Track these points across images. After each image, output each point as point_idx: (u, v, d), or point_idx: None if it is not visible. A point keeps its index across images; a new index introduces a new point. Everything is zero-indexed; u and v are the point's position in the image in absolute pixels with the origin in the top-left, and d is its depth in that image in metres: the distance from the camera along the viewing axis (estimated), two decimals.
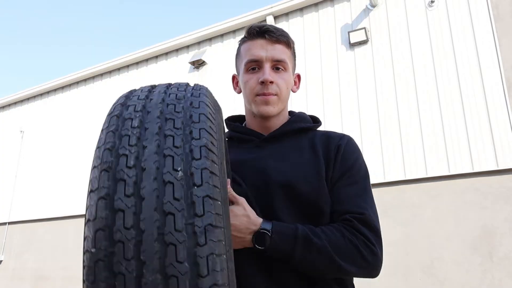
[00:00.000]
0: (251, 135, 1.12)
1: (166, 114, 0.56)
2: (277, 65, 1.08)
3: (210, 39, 6.86)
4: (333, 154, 1.06)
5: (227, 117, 1.22)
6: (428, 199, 4.61)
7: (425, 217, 4.56)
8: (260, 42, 1.08)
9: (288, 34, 1.12)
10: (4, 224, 8.07)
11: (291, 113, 1.20)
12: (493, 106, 4.53)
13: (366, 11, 5.59)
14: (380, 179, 4.83)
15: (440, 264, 4.34)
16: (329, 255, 0.90)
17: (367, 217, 0.96)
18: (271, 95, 1.06)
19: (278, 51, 1.07)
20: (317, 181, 1.00)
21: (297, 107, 5.35)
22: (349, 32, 5.52)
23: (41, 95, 8.70)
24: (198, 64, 6.69)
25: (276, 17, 6.26)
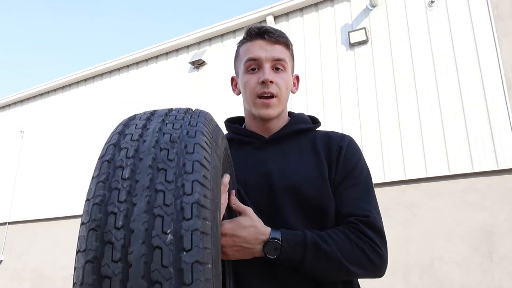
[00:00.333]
0: (251, 137, 1.11)
1: (159, 163, 0.55)
2: (277, 65, 1.07)
3: (210, 39, 6.86)
4: (335, 155, 1.06)
5: (226, 119, 1.22)
6: (428, 199, 4.61)
7: (425, 217, 4.56)
8: (259, 42, 1.07)
9: (286, 35, 1.12)
10: (4, 224, 8.07)
11: (290, 114, 1.20)
12: (493, 106, 4.53)
13: (366, 11, 5.59)
14: (380, 179, 4.83)
15: (440, 264, 4.34)
16: (338, 260, 0.91)
17: (372, 219, 0.97)
18: (272, 96, 1.06)
19: (277, 51, 1.07)
20: (320, 183, 1.01)
21: (297, 107, 5.34)
22: (349, 32, 5.52)
23: (41, 95, 8.71)
24: (198, 64, 6.69)
25: (276, 17, 6.26)
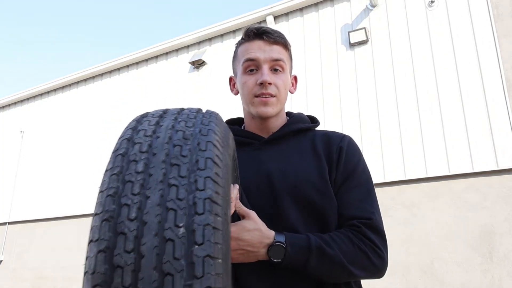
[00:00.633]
0: (251, 138, 1.11)
1: (172, 159, 0.55)
2: (275, 66, 1.08)
3: (210, 39, 6.86)
4: (335, 156, 1.06)
5: (225, 121, 1.22)
6: (428, 199, 4.61)
7: (425, 217, 4.56)
8: (258, 43, 1.07)
9: (285, 36, 1.13)
10: (4, 224, 8.07)
11: (289, 114, 1.20)
12: (493, 106, 4.53)
13: (366, 11, 5.59)
14: (380, 179, 4.82)
15: (440, 264, 4.34)
16: (341, 263, 0.92)
17: (374, 222, 0.99)
18: (270, 96, 1.06)
19: (276, 52, 1.07)
20: (321, 183, 1.01)
21: (297, 107, 5.34)
22: (349, 32, 5.52)
23: (41, 95, 8.71)
24: (198, 64, 6.69)
25: (276, 17, 6.26)
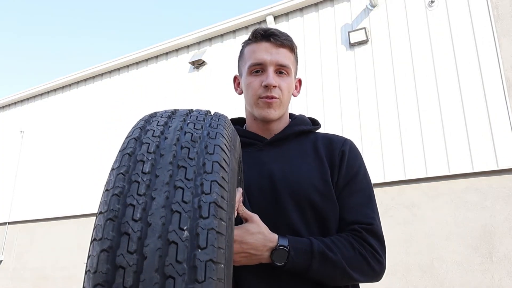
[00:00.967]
0: (253, 139, 1.12)
1: (179, 161, 0.55)
2: (281, 70, 1.08)
3: (210, 39, 6.86)
4: (337, 159, 1.07)
5: None
6: (428, 199, 4.61)
7: (425, 217, 4.56)
8: (265, 45, 1.08)
9: (292, 38, 1.13)
10: (4, 224, 8.07)
11: (291, 116, 1.21)
12: (493, 106, 4.53)
13: (366, 11, 5.59)
14: (380, 179, 4.83)
15: (440, 264, 4.34)
16: (342, 267, 0.93)
17: (375, 227, 1.01)
18: (274, 98, 1.06)
19: (282, 55, 1.08)
20: (323, 186, 1.02)
21: (297, 106, 5.35)
22: (349, 32, 5.52)
23: (41, 95, 8.71)
24: (198, 64, 6.69)
25: (276, 17, 6.25)
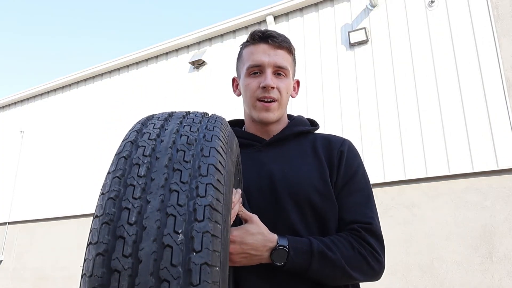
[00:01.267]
0: (252, 140, 1.12)
1: (174, 164, 0.55)
2: (279, 71, 1.09)
3: (210, 39, 6.86)
4: (336, 159, 1.07)
5: None
6: (428, 199, 4.61)
7: (425, 217, 4.56)
8: (263, 47, 1.09)
9: (290, 40, 1.14)
10: (4, 224, 8.07)
11: (289, 117, 1.21)
12: (493, 106, 4.53)
13: (366, 11, 5.59)
14: (380, 179, 4.83)
15: (440, 264, 4.34)
16: (342, 267, 0.94)
17: (374, 227, 1.01)
18: (272, 101, 1.07)
19: (280, 57, 1.09)
20: (323, 186, 1.03)
21: (297, 107, 5.35)
22: (349, 32, 5.52)
23: (41, 95, 8.71)
24: (198, 64, 6.69)
25: (276, 17, 6.25)
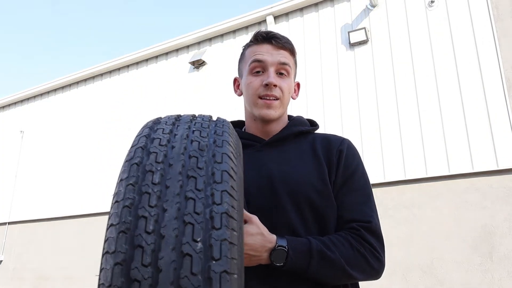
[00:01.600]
0: (252, 140, 1.13)
1: (188, 171, 0.55)
2: (281, 70, 1.10)
3: (210, 39, 6.86)
4: (335, 158, 1.08)
5: None
6: (428, 199, 4.61)
7: (425, 217, 4.56)
8: (266, 47, 1.10)
9: (292, 42, 1.16)
10: (4, 224, 8.07)
11: (289, 117, 1.22)
12: (493, 106, 4.53)
13: (366, 11, 5.59)
14: (380, 179, 4.83)
15: (440, 264, 4.34)
16: (342, 266, 0.94)
17: (373, 225, 1.01)
18: (274, 98, 1.08)
19: (283, 56, 1.10)
20: (322, 185, 1.03)
21: (297, 107, 5.35)
22: (349, 32, 5.52)
23: (41, 95, 8.71)
24: (198, 64, 6.69)
25: (276, 17, 6.25)
